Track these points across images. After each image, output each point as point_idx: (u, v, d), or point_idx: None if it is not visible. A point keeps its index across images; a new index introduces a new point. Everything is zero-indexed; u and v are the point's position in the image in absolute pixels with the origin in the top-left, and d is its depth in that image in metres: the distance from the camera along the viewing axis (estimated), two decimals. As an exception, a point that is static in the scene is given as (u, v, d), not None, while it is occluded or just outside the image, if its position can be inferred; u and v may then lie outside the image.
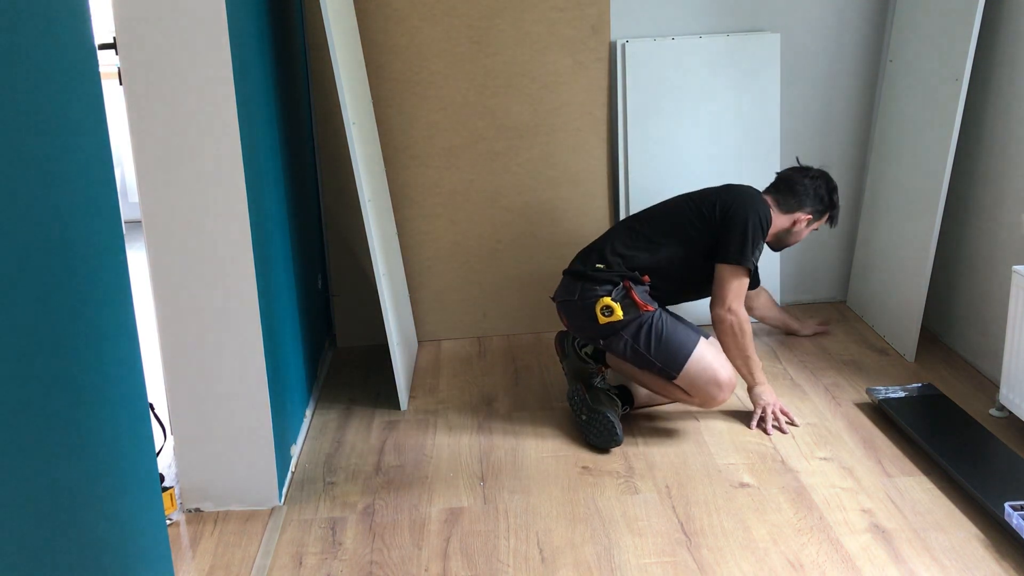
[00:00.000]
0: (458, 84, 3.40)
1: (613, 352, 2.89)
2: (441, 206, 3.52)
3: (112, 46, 2.34)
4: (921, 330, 3.34)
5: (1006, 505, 2.27)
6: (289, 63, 3.04)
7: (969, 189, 3.25)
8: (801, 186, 2.99)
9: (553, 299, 2.99)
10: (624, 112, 3.50)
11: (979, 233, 3.21)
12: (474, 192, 3.52)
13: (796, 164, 3.11)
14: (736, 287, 2.84)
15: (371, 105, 3.34)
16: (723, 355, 2.85)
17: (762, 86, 3.52)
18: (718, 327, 2.88)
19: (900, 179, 3.42)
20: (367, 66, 3.34)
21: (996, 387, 3.03)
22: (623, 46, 3.46)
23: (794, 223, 3.00)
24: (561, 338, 3.14)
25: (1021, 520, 2.22)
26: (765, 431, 2.87)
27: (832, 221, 3.07)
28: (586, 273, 2.88)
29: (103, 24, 3.16)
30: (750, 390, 2.95)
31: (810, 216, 2.99)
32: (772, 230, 2.97)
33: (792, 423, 2.90)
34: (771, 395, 2.94)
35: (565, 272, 2.97)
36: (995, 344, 3.07)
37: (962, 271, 3.32)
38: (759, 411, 2.91)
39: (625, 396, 2.94)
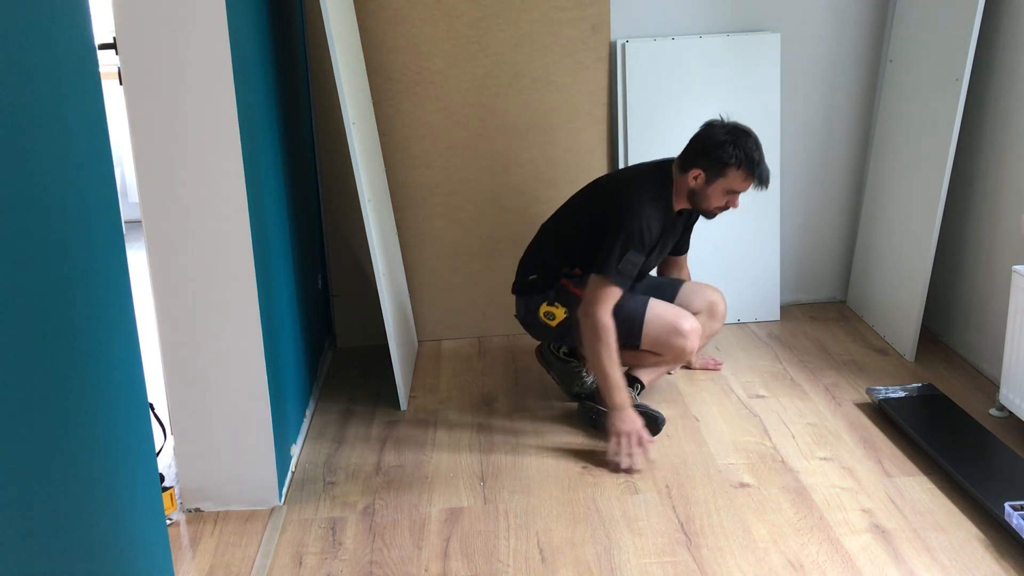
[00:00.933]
0: (458, 84, 3.40)
1: (577, 346, 2.92)
2: (441, 206, 3.52)
3: (112, 46, 2.34)
4: (921, 330, 3.34)
5: (1006, 505, 2.27)
6: (289, 63, 3.04)
7: (969, 189, 3.25)
8: (694, 141, 2.77)
9: (516, 317, 3.08)
10: (624, 112, 3.50)
11: (979, 233, 3.21)
12: (474, 192, 3.52)
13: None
14: (593, 293, 2.68)
15: (371, 105, 3.34)
16: (677, 307, 2.86)
17: (762, 86, 3.52)
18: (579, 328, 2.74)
19: (900, 179, 3.42)
20: (367, 66, 3.34)
21: (996, 387, 3.03)
22: (623, 46, 3.46)
23: (694, 180, 2.73)
24: (539, 349, 3.18)
25: (1021, 520, 2.22)
26: (619, 465, 2.65)
27: (756, 180, 2.70)
28: (524, 288, 2.97)
29: (103, 24, 3.16)
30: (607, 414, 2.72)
31: (701, 172, 2.70)
32: (679, 193, 2.78)
33: (646, 454, 2.68)
34: (629, 423, 2.67)
35: (512, 291, 3.04)
36: (995, 344, 3.07)
37: (962, 271, 3.32)
38: (613, 440, 2.67)
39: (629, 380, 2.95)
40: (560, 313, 2.87)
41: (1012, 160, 3.01)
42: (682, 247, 3.11)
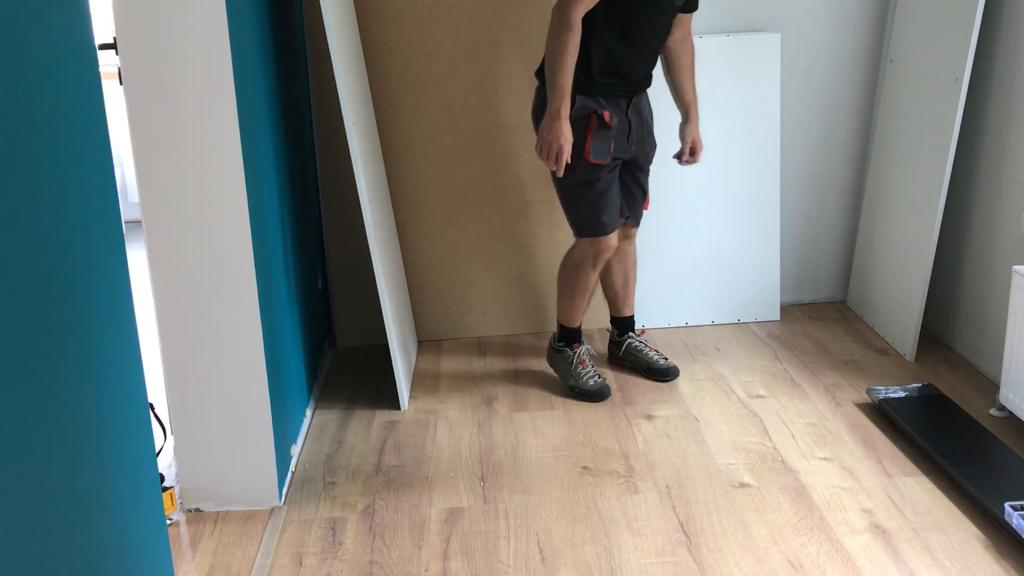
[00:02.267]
0: (458, 84, 3.40)
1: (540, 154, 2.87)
2: (441, 206, 3.52)
3: (112, 46, 2.34)
4: (921, 330, 3.34)
5: (1006, 505, 2.27)
6: (289, 63, 3.04)
7: (969, 189, 3.25)
8: None
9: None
10: (624, 112, 3.49)
11: (979, 233, 3.21)
12: (474, 192, 3.52)
13: None
14: None
15: (371, 105, 3.34)
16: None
17: (762, 86, 3.52)
18: None
19: (900, 179, 3.42)
20: (367, 66, 3.34)
21: (996, 387, 3.03)
22: (623, 46, 3.46)
23: None
24: (548, 349, 3.31)
25: (1021, 520, 2.22)
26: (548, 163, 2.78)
27: None
28: (540, 72, 2.87)
29: (103, 24, 3.16)
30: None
31: None
32: None
33: (560, 165, 2.74)
34: (555, 134, 2.72)
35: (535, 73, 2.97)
36: (995, 344, 3.07)
37: (962, 271, 3.32)
38: (537, 144, 2.77)
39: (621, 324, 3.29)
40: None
41: (1012, 160, 3.01)
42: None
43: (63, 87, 1.33)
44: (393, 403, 3.12)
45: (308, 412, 3.05)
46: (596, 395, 3.09)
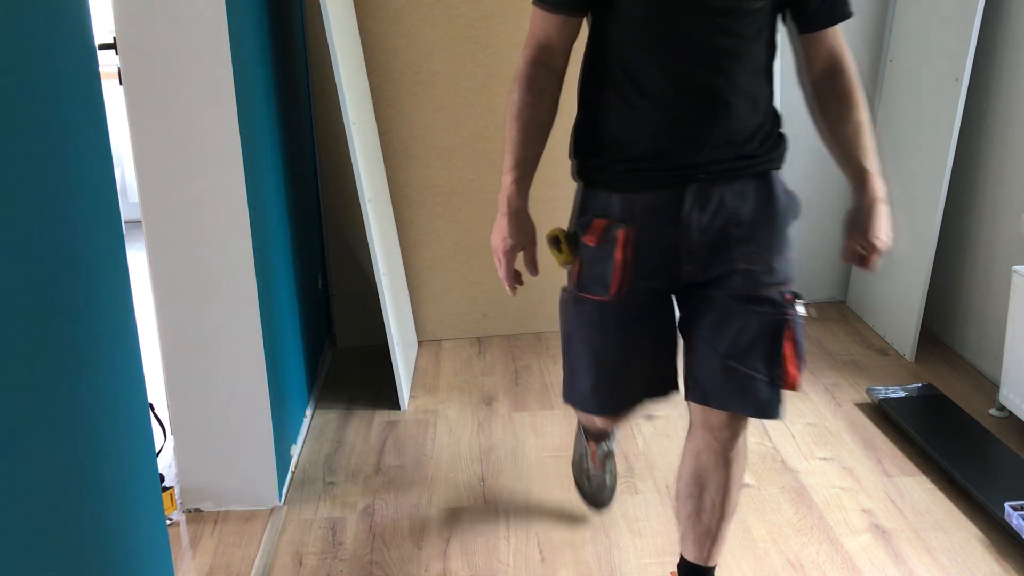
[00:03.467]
0: (458, 84, 3.40)
1: None
2: (441, 206, 3.52)
3: (112, 46, 2.34)
4: (921, 330, 3.34)
5: (1006, 505, 2.27)
6: (289, 63, 3.04)
7: (969, 189, 3.25)
8: None
9: None
10: (624, 112, 3.49)
11: (979, 233, 3.21)
12: (474, 192, 3.52)
13: None
14: (529, 27, 1.86)
15: (371, 105, 3.34)
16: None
17: (762, 86, 3.52)
18: None
19: (900, 179, 3.42)
20: (367, 66, 3.34)
21: (996, 387, 3.03)
22: (623, 46, 3.45)
23: None
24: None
25: (1021, 520, 2.22)
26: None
27: None
28: (571, 151, 1.97)
29: (103, 24, 3.16)
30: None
31: None
32: None
33: (513, 286, 1.93)
34: (495, 236, 1.90)
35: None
36: (995, 344, 3.07)
37: (962, 271, 3.32)
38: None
39: None
40: (563, 255, 1.93)
41: (1012, 160, 3.01)
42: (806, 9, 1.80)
43: (63, 87, 1.33)
44: (393, 403, 3.12)
45: (308, 412, 3.05)
46: (587, 498, 2.45)
